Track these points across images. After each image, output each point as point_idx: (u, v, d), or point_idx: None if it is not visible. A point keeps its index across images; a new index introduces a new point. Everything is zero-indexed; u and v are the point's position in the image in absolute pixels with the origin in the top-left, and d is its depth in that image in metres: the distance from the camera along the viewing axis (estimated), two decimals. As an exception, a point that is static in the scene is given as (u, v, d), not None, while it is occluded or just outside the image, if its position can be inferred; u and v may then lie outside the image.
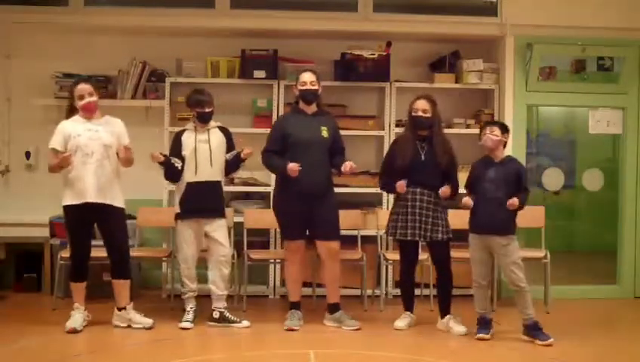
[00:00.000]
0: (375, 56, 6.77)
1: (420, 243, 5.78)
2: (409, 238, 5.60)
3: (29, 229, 6.76)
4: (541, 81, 6.91)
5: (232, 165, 5.84)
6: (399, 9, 6.99)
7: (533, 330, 5.35)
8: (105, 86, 6.88)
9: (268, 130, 6.62)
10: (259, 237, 6.70)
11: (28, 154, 6.99)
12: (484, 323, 5.49)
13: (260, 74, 6.74)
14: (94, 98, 5.56)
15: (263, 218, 6.42)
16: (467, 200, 5.46)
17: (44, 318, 5.89)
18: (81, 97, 5.52)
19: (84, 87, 5.57)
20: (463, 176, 5.73)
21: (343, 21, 6.84)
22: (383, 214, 6.61)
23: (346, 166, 5.63)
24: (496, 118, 6.93)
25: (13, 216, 6.82)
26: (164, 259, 6.44)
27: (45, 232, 6.67)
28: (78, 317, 5.53)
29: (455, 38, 7.04)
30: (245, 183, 6.81)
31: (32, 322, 5.76)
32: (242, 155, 5.75)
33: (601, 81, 7.00)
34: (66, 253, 6.15)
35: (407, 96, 6.78)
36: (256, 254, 6.41)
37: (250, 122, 6.93)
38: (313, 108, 5.76)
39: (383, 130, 6.83)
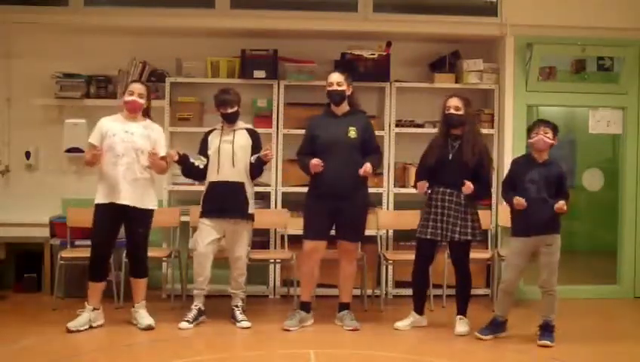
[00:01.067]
0: (375, 56, 6.77)
1: (440, 244, 5.72)
2: (428, 237, 5.55)
3: (29, 229, 6.75)
4: (541, 81, 6.91)
5: (256, 168, 5.79)
6: (399, 9, 6.99)
7: (545, 330, 5.33)
8: (105, 86, 6.89)
9: (268, 130, 6.66)
10: (259, 237, 6.69)
11: (28, 154, 6.99)
12: (494, 325, 5.46)
13: (259, 74, 6.74)
14: (142, 100, 5.58)
15: (263, 218, 6.42)
16: (519, 200, 5.32)
17: (44, 318, 5.89)
18: (131, 94, 5.56)
19: (136, 86, 5.64)
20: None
21: (343, 21, 6.84)
22: (383, 214, 6.63)
23: (361, 169, 5.58)
24: (496, 118, 6.95)
25: (13, 216, 6.82)
26: (164, 259, 6.43)
27: (45, 232, 6.67)
28: (83, 317, 5.51)
29: (455, 38, 7.04)
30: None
31: (32, 322, 5.76)
32: (263, 157, 5.72)
33: (601, 81, 7.00)
34: (66, 253, 6.17)
35: (407, 96, 6.82)
36: (256, 254, 6.41)
37: (250, 122, 6.89)
38: (344, 108, 5.73)
39: (383, 130, 6.83)
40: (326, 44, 7.00)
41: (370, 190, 6.65)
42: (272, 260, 6.63)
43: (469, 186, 5.43)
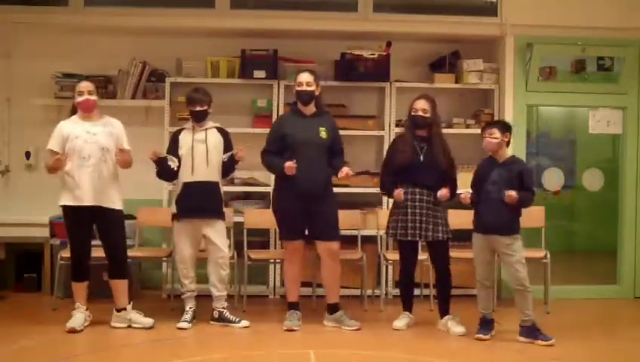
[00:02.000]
0: (375, 56, 6.77)
1: (420, 244, 5.78)
2: (409, 238, 5.60)
3: (29, 229, 6.75)
4: (541, 81, 6.91)
5: (228, 167, 5.81)
6: (399, 9, 6.99)
7: (531, 332, 5.34)
8: (105, 86, 6.88)
9: (268, 130, 6.64)
10: (259, 237, 6.70)
11: (28, 154, 6.99)
12: (485, 324, 5.49)
13: (259, 74, 6.74)
14: (94, 97, 5.55)
15: (263, 218, 6.42)
16: (465, 196, 5.48)
17: (44, 318, 5.89)
18: (81, 93, 5.52)
19: (85, 85, 5.58)
20: (463, 177, 5.72)
21: (343, 21, 6.84)
22: (383, 214, 6.61)
23: (342, 173, 5.64)
24: (496, 118, 6.93)
25: (13, 216, 6.82)
26: (164, 259, 6.44)
27: (45, 232, 6.67)
28: (79, 316, 5.53)
29: (455, 38, 7.04)
30: (245, 183, 6.81)
31: (32, 322, 5.76)
32: (236, 156, 5.73)
33: (601, 81, 6.99)
34: (66, 253, 6.15)
35: (407, 96, 6.79)
36: (256, 254, 6.41)
37: (250, 122, 6.93)
38: (312, 108, 5.75)
39: (383, 130, 6.83)
40: (326, 44, 7.00)
41: (370, 190, 6.70)
42: (272, 260, 6.63)
43: (446, 193, 5.51)
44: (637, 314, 6.69)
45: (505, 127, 5.49)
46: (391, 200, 5.86)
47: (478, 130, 6.52)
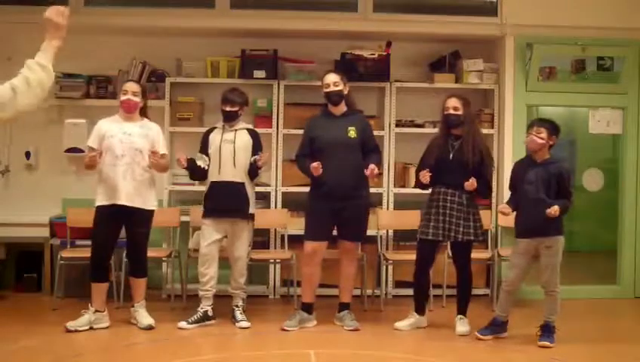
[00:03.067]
0: (375, 56, 6.77)
1: (441, 245, 5.72)
2: (430, 238, 5.52)
3: (29, 229, 6.74)
4: (541, 81, 6.91)
5: (251, 171, 5.79)
6: (399, 9, 6.99)
7: (545, 330, 5.32)
8: (105, 86, 6.88)
9: (268, 130, 6.66)
10: (259, 237, 6.69)
11: (28, 154, 6.98)
12: (495, 325, 5.45)
13: (259, 74, 6.74)
14: (137, 98, 5.58)
15: (264, 218, 6.43)
16: (503, 208, 5.40)
17: (44, 318, 5.89)
18: (125, 93, 5.57)
19: (130, 85, 5.64)
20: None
21: (343, 21, 6.84)
22: (383, 214, 6.63)
23: (368, 171, 5.55)
24: (496, 118, 6.95)
25: (13, 216, 6.81)
26: (164, 259, 6.44)
27: (45, 232, 6.67)
28: (84, 319, 5.51)
29: (455, 38, 7.04)
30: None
31: (32, 322, 5.76)
32: (258, 163, 5.70)
33: (601, 81, 6.99)
34: (66, 253, 6.17)
35: (407, 96, 6.82)
36: (256, 254, 6.41)
37: (251, 122, 6.89)
38: (341, 108, 5.72)
39: (383, 130, 6.83)
40: (326, 44, 7.00)
41: (371, 190, 6.68)
42: (272, 260, 6.63)
43: (472, 183, 5.40)
44: (637, 314, 6.69)
45: (554, 129, 5.35)
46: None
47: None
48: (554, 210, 5.15)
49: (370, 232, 6.59)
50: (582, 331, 5.80)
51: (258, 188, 6.77)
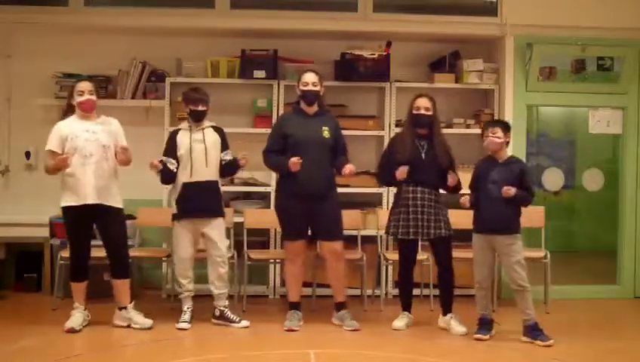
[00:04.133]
0: (375, 56, 6.77)
1: (420, 243, 5.78)
2: (411, 237, 5.59)
3: (29, 229, 6.75)
4: (541, 81, 6.91)
5: (230, 169, 5.83)
6: (399, 9, 6.99)
7: (533, 331, 5.35)
8: (105, 86, 6.88)
9: (268, 130, 6.63)
10: (259, 237, 6.70)
11: (28, 154, 6.99)
12: (485, 324, 5.49)
13: (259, 74, 6.74)
14: (94, 97, 5.55)
15: (263, 218, 6.43)
16: (465, 200, 5.49)
17: (44, 318, 5.89)
18: (81, 94, 5.51)
19: (84, 85, 5.58)
20: (466, 176, 5.71)
21: (343, 21, 6.84)
22: (383, 214, 6.61)
23: (346, 169, 5.62)
24: (496, 118, 6.94)
25: (13, 216, 6.81)
26: (164, 259, 6.43)
27: (45, 232, 6.67)
28: (77, 316, 5.54)
29: (455, 38, 7.04)
30: (245, 183, 6.81)
31: (32, 322, 5.76)
32: (240, 163, 5.73)
33: (601, 81, 6.99)
34: (66, 253, 6.14)
35: (407, 96, 6.78)
36: (256, 254, 6.41)
37: (250, 122, 6.93)
38: (314, 108, 5.75)
39: (383, 130, 6.83)
40: (326, 44, 7.00)
41: (370, 190, 6.70)
42: (272, 260, 6.63)
43: (454, 177, 5.52)
44: (637, 314, 6.69)
45: (507, 127, 5.51)
46: (391, 201, 5.86)
47: (478, 130, 6.52)
48: (509, 188, 5.27)
49: (370, 232, 6.62)
50: (582, 331, 5.81)
51: (258, 188, 6.79)
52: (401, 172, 5.53)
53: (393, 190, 6.77)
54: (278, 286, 6.79)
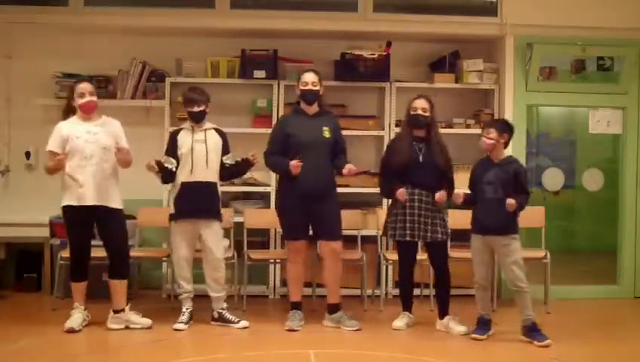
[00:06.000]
0: (375, 56, 6.77)
1: (419, 244, 5.79)
2: (408, 239, 5.59)
3: (29, 229, 6.76)
4: (541, 81, 6.91)
5: (239, 170, 5.81)
6: (399, 9, 6.99)
7: (531, 331, 5.34)
8: (105, 86, 6.88)
9: (268, 130, 6.63)
10: (259, 237, 6.70)
11: (28, 154, 6.99)
12: (482, 324, 5.49)
13: (259, 74, 6.74)
14: (95, 98, 5.55)
15: (263, 218, 6.43)
16: (457, 194, 5.50)
17: (44, 318, 5.89)
18: (82, 95, 5.51)
19: (85, 86, 5.57)
20: (463, 177, 5.72)
21: (343, 21, 6.84)
22: (383, 214, 6.60)
23: (346, 169, 5.63)
24: (496, 118, 6.94)
25: (13, 216, 6.82)
26: (164, 259, 6.43)
27: (45, 232, 6.67)
28: (77, 316, 5.53)
29: (455, 38, 7.04)
30: (245, 183, 6.80)
31: (32, 322, 5.76)
32: (252, 159, 5.73)
33: (601, 81, 7.00)
34: (66, 253, 6.14)
35: (407, 96, 6.78)
36: (256, 254, 6.41)
37: (250, 122, 6.93)
38: (314, 108, 5.75)
39: (383, 130, 6.84)
40: (326, 44, 7.00)
41: (371, 190, 6.69)
42: (272, 260, 6.63)
43: (442, 196, 5.52)
44: (637, 314, 6.69)
45: (503, 128, 5.48)
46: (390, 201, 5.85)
47: (478, 130, 6.53)
48: (511, 201, 5.25)
49: (370, 232, 6.63)
50: (582, 331, 5.80)
51: (258, 188, 6.79)
52: (401, 193, 5.53)
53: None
54: (278, 286, 6.79)
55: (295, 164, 5.51)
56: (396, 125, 6.77)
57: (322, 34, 6.92)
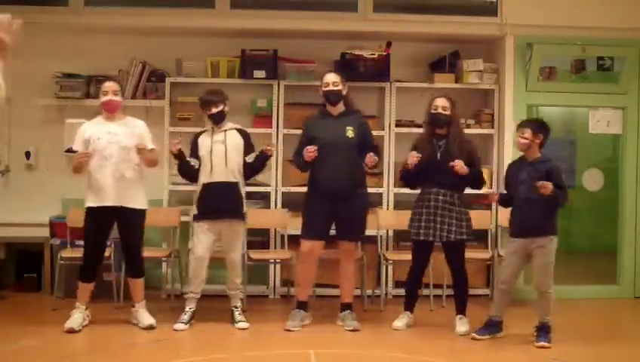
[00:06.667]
0: (375, 56, 6.77)
1: (435, 244, 5.73)
2: (422, 238, 5.56)
3: (29, 229, 6.74)
4: (541, 81, 6.91)
5: (257, 166, 5.79)
6: (399, 9, 6.99)
7: (541, 330, 5.31)
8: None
9: (268, 130, 6.65)
10: (259, 237, 6.69)
11: (28, 154, 6.99)
12: (489, 325, 5.45)
13: (259, 74, 6.74)
14: (118, 98, 5.57)
15: (263, 218, 6.44)
16: (492, 194, 5.53)
17: (44, 318, 5.89)
18: (105, 93, 5.54)
19: (110, 85, 5.60)
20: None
21: (343, 21, 6.84)
22: (383, 214, 6.63)
23: (368, 158, 5.56)
24: (496, 118, 6.95)
25: (13, 216, 6.81)
26: (164, 259, 6.43)
27: (45, 232, 6.67)
28: (77, 316, 5.53)
29: (455, 38, 7.04)
30: (245, 183, 6.79)
31: (32, 322, 5.76)
32: (268, 153, 5.72)
33: (601, 81, 6.99)
34: (66, 253, 6.16)
35: (408, 96, 6.82)
36: (257, 254, 6.41)
37: (250, 122, 6.92)
38: (339, 108, 5.72)
39: (383, 130, 6.83)
40: (326, 44, 7.00)
41: (370, 190, 6.67)
42: (272, 260, 6.63)
43: (460, 164, 5.40)
44: (637, 314, 6.69)
45: (538, 128, 5.40)
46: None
47: (479, 130, 6.54)
48: (545, 183, 5.15)
49: (370, 232, 6.59)
50: (582, 331, 5.81)
51: (258, 188, 6.79)
52: (412, 156, 5.49)
53: (394, 190, 6.82)
54: (278, 286, 6.79)
55: (309, 150, 5.50)
56: (396, 125, 6.77)
57: (322, 34, 6.92)
